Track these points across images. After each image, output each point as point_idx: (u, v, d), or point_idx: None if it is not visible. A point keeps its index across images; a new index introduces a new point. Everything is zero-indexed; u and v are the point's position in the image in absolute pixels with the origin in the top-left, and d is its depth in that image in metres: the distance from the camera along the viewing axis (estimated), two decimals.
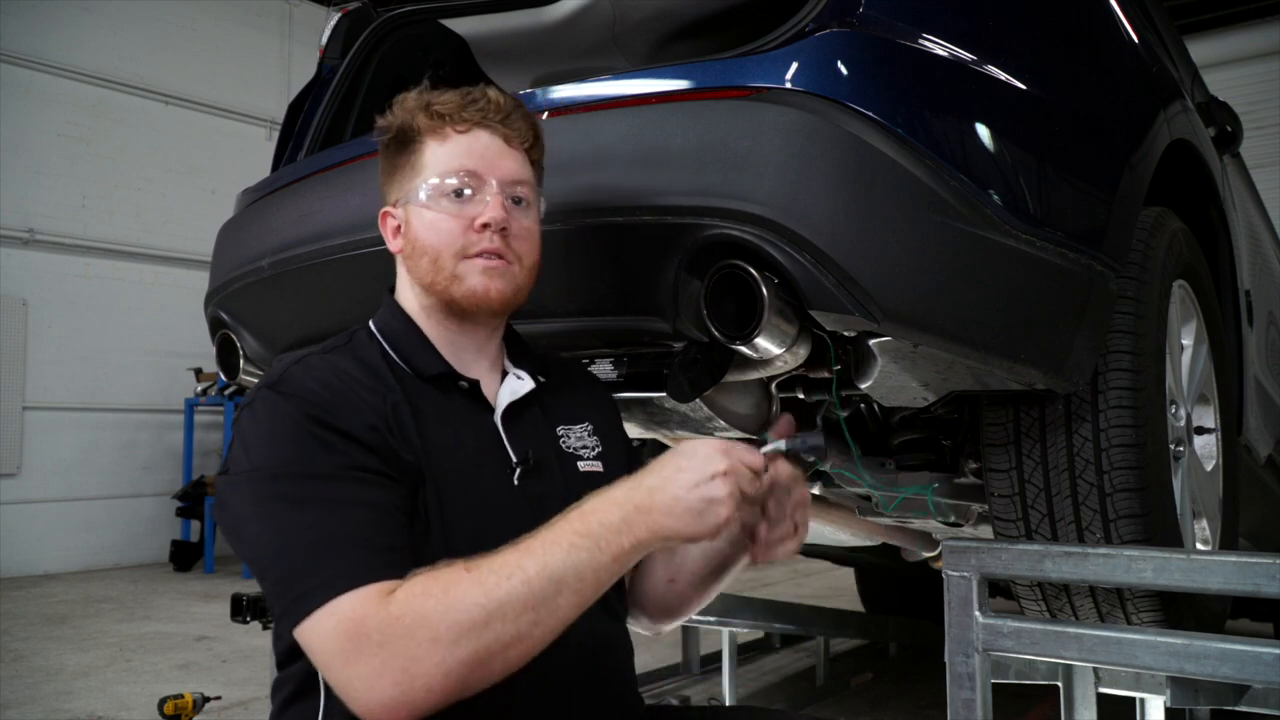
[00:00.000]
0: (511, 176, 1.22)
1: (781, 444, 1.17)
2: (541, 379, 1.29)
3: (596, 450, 1.30)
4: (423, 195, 1.21)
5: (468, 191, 1.20)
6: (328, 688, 1.07)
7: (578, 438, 1.29)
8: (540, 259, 1.26)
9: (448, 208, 1.20)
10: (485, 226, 1.18)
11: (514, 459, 1.20)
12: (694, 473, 1.02)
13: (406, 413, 1.13)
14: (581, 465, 1.27)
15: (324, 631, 0.96)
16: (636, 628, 1.41)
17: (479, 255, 1.19)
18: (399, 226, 1.25)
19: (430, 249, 1.20)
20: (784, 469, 1.17)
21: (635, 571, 1.39)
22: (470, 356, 1.24)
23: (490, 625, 0.94)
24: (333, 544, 0.99)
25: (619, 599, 1.29)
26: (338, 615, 0.95)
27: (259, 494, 1.04)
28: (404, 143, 1.24)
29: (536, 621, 0.96)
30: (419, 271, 1.22)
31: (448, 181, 1.20)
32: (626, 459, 1.36)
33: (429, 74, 1.49)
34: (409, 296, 1.25)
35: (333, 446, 1.05)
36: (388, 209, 1.27)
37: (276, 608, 1.02)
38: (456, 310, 1.21)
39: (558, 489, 1.20)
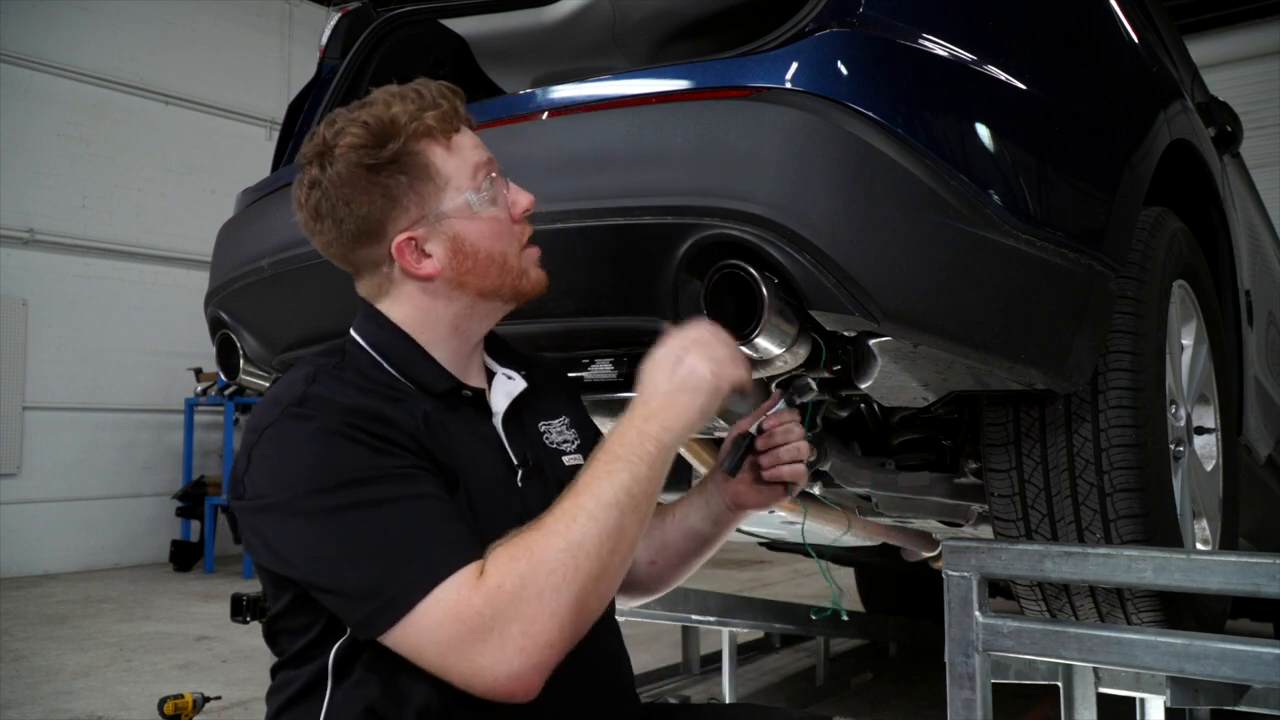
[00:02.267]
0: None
1: (780, 404, 1.30)
2: (524, 373, 1.28)
3: (576, 444, 1.30)
4: (474, 202, 1.15)
5: (496, 188, 1.19)
6: (333, 691, 1.07)
7: (558, 432, 1.30)
8: None
9: (494, 209, 1.17)
10: (524, 211, 1.20)
11: (515, 461, 1.20)
12: (666, 363, 1.13)
13: (436, 422, 1.12)
14: (566, 460, 1.27)
15: (431, 625, 0.96)
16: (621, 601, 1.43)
17: (528, 244, 1.22)
18: (420, 251, 1.14)
19: (497, 254, 1.17)
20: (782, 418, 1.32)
21: None
22: (468, 363, 1.23)
23: (580, 566, 0.99)
24: (415, 538, 0.99)
25: None
26: (443, 604, 0.96)
27: (311, 511, 1.00)
28: (401, 163, 1.12)
29: (614, 549, 1.02)
30: (484, 282, 1.16)
31: (487, 179, 1.17)
32: None
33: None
34: (409, 310, 1.18)
35: (380, 450, 1.03)
36: (401, 239, 1.13)
37: (358, 616, 0.99)
38: (517, 302, 1.22)
39: (552, 486, 1.20)
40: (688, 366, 1.12)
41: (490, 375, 1.26)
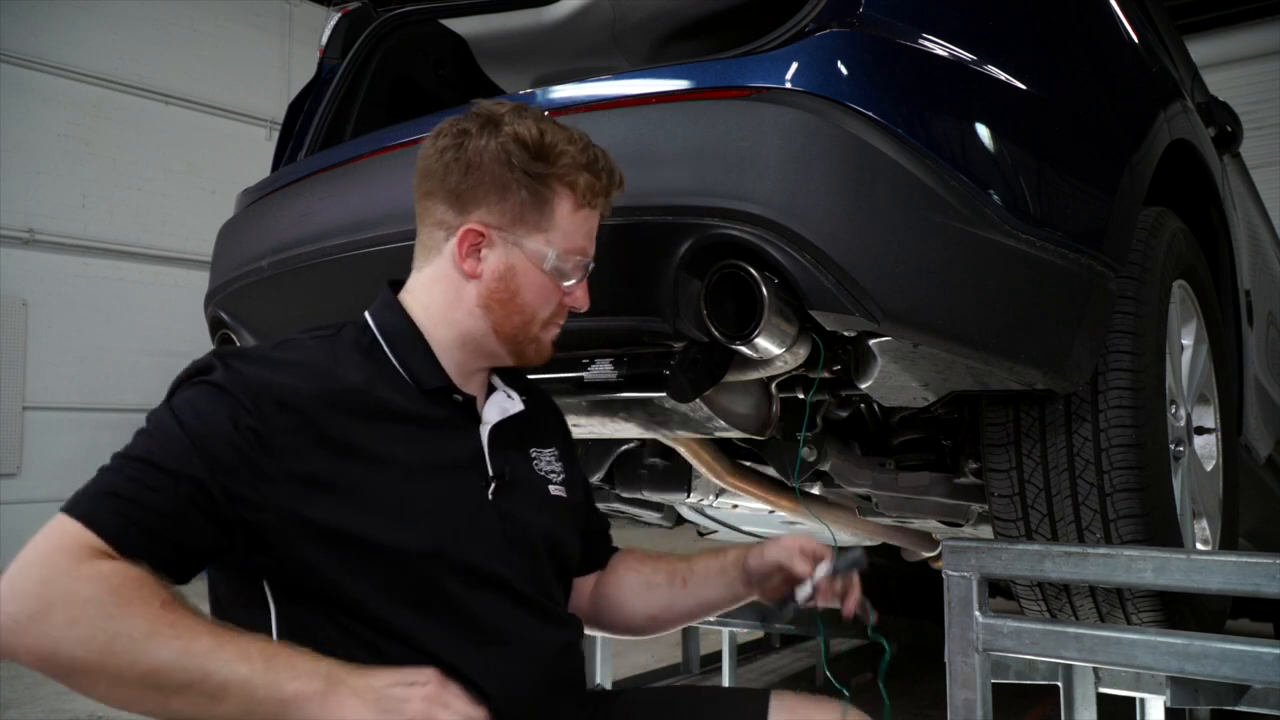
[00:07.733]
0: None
1: (827, 565, 1.26)
2: (525, 398, 1.29)
3: (561, 476, 1.31)
4: (549, 260, 1.19)
5: (574, 270, 1.22)
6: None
7: (547, 462, 1.30)
8: None
9: (557, 278, 1.21)
10: (574, 305, 1.24)
11: (490, 473, 1.19)
12: (398, 679, 0.96)
13: (348, 419, 1.09)
14: (552, 490, 1.28)
15: (47, 530, 1.01)
16: (604, 634, 1.46)
17: (554, 324, 1.24)
18: (479, 248, 1.18)
19: (529, 311, 1.20)
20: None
21: (607, 602, 1.41)
22: (468, 377, 1.24)
23: (115, 659, 0.91)
24: (111, 491, 1.04)
25: (564, 606, 1.29)
26: (60, 528, 1.00)
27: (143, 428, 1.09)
28: (537, 177, 1.17)
29: (143, 699, 0.93)
30: (504, 322, 1.20)
31: (576, 261, 1.21)
32: (582, 488, 1.39)
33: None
34: (435, 295, 1.21)
35: (183, 455, 1.04)
36: (477, 227, 1.18)
37: None
38: (515, 361, 1.24)
39: (528, 508, 1.21)
40: (404, 697, 0.94)
41: (491, 391, 1.27)
